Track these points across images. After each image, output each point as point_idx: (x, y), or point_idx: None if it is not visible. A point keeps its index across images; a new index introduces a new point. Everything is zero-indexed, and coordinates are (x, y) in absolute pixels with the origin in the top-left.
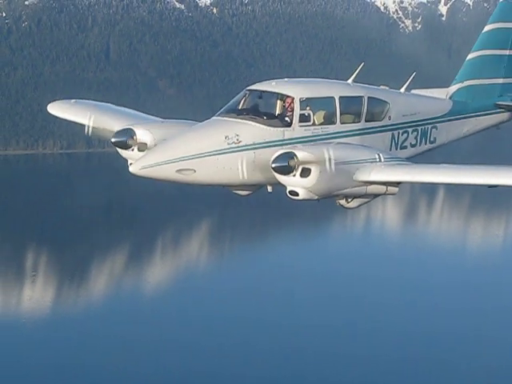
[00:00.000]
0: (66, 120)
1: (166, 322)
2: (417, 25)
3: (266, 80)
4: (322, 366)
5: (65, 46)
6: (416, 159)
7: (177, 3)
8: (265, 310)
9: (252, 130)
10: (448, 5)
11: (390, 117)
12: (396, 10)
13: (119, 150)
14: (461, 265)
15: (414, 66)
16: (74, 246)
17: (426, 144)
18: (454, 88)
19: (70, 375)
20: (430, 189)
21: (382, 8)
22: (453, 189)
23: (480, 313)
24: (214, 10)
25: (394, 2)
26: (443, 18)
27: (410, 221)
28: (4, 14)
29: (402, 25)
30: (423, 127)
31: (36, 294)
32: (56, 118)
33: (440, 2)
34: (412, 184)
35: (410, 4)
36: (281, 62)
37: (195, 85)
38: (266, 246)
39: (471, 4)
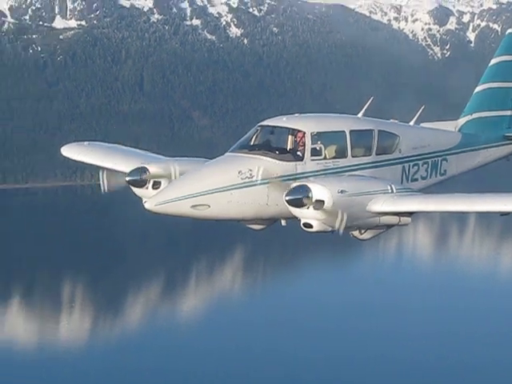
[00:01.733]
0: (80, 162)
1: (197, 353)
2: (445, 52)
3: (294, 111)
4: None
5: (99, 79)
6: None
7: (208, 35)
8: (291, 341)
9: (265, 165)
10: (476, 31)
11: (400, 150)
12: (424, 37)
13: (133, 189)
14: (488, 291)
15: (443, 93)
16: (109, 276)
17: (436, 176)
18: (462, 120)
19: None
20: (447, 218)
21: (410, 35)
22: (470, 217)
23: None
24: (245, 41)
25: (422, 29)
26: (472, 45)
27: (431, 249)
28: (39, 49)
29: (431, 52)
30: (433, 159)
31: (73, 325)
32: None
33: (468, 28)
34: (428, 214)
35: (438, 31)
36: (312, 90)
37: (228, 115)
38: (287, 279)
39: (499, 30)
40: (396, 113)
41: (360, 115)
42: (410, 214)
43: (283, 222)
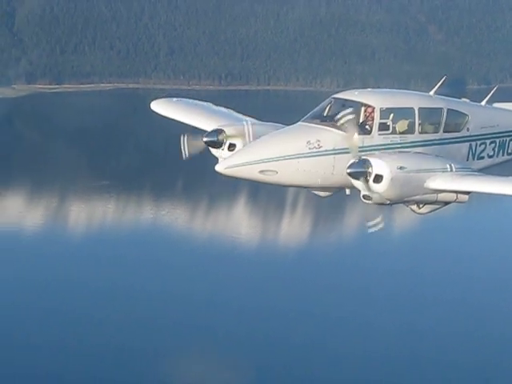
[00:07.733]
0: (166, 117)
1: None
2: None
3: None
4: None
5: None
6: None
7: None
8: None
9: (333, 137)
10: None
11: (468, 128)
12: None
13: (211, 149)
14: None
15: None
16: None
17: (503, 155)
18: None
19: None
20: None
21: None
22: None
23: None
24: None
25: None
26: None
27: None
28: None
29: None
30: (501, 139)
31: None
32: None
33: None
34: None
35: None
36: None
37: (462, 30)
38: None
39: None
40: None
41: (431, 93)
42: (467, 192)
43: (347, 191)
